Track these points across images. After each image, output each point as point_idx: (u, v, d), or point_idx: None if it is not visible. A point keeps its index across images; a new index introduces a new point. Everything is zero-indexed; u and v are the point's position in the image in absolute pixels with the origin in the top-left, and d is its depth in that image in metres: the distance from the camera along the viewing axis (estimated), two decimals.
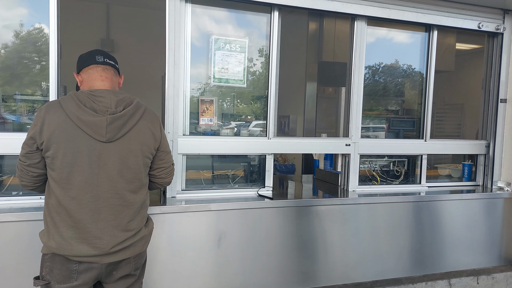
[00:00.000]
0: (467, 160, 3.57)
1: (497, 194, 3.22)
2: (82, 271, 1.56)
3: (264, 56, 2.75)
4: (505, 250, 3.23)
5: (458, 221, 3.06)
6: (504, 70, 3.33)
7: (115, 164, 1.58)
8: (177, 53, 2.44)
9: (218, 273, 2.41)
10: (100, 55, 1.69)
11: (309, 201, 2.63)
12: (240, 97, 2.81)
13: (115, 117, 1.56)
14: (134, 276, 1.73)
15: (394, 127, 3.36)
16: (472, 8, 3.17)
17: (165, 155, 1.78)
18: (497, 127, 3.37)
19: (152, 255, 2.25)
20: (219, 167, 2.87)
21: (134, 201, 1.65)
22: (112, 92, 1.62)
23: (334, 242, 2.69)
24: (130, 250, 1.65)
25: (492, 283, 3.17)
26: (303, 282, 2.62)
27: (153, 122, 1.71)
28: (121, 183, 1.60)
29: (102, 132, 1.54)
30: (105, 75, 1.67)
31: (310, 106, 4.69)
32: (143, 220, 1.72)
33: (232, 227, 2.43)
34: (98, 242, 1.56)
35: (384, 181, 3.24)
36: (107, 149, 1.56)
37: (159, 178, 1.79)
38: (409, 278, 2.91)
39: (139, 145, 1.63)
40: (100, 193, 1.56)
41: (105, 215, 1.57)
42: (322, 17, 3.74)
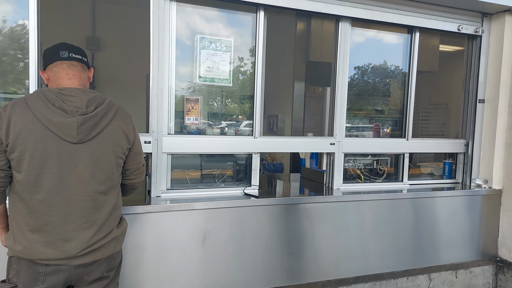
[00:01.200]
0: (448, 158, 3.67)
1: (475, 191, 3.32)
2: (49, 274, 1.52)
3: (251, 56, 2.77)
4: (482, 245, 3.34)
5: (438, 218, 3.15)
6: (483, 71, 3.43)
7: (87, 165, 1.54)
8: (162, 51, 2.44)
9: (203, 272, 2.42)
10: (65, 49, 1.59)
11: (293, 199, 2.67)
12: (227, 97, 2.82)
13: (86, 118, 1.51)
14: (107, 278, 1.69)
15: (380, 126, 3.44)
16: (452, 11, 3.25)
17: (137, 156, 1.75)
18: (476, 127, 3.47)
19: (135, 254, 2.25)
20: (205, 166, 2.88)
21: (106, 203, 1.62)
22: (83, 91, 1.56)
23: (318, 239, 2.73)
24: (100, 251, 1.62)
25: (470, 277, 3.27)
26: (288, 279, 2.66)
27: (126, 122, 1.67)
28: (93, 185, 1.56)
29: (73, 133, 1.49)
30: (72, 72, 1.59)
31: (298, 106, 4.73)
32: (115, 221, 1.69)
33: (217, 225, 2.45)
34: (66, 245, 1.52)
35: (368, 179, 3.30)
36: (78, 150, 1.52)
37: (129, 179, 1.76)
38: (391, 274, 2.98)
39: (112, 145, 1.60)
40: (70, 196, 1.53)
41: (75, 218, 1.54)
42: (309, 17, 3.77)
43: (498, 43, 3.33)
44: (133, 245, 2.25)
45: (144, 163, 1.82)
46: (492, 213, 3.36)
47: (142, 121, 2.72)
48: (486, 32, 3.40)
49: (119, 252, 1.76)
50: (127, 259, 2.19)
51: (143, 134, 2.40)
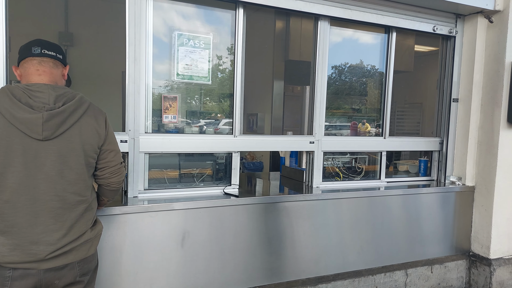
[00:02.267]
0: (424, 156, 3.76)
1: (449, 188, 3.42)
2: (17, 278, 1.45)
3: (230, 53, 2.74)
4: (456, 240, 3.44)
5: (414, 214, 3.22)
6: (456, 71, 3.53)
7: (54, 164, 1.48)
8: (138, 48, 2.37)
9: (182, 273, 2.38)
10: (37, 46, 1.55)
11: (274, 197, 2.66)
12: (206, 95, 2.78)
13: (52, 114, 1.46)
14: (81, 283, 1.63)
15: (358, 125, 3.49)
16: (428, 11, 3.32)
17: (109, 153, 1.68)
18: (450, 125, 3.57)
19: (112, 257, 2.18)
20: (183, 165, 2.83)
21: (77, 203, 1.56)
22: (51, 87, 1.51)
23: (298, 238, 2.74)
24: (72, 254, 1.55)
25: (445, 272, 3.36)
26: (268, 278, 2.65)
27: (98, 119, 1.62)
28: (61, 184, 1.50)
29: (38, 130, 1.44)
30: (42, 68, 1.55)
31: (277, 104, 4.74)
32: (87, 223, 1.62)
33: (196, 226, 2.41)
34: (34, 248, 1.46)
35: (347, 177, 3.34)
36: (45, 147, 1.46)
37: (103, 179, 1.69)
38: (369, 270, 3.02)
39: (81, 143, 1.54)
40: (37, 196, 1.46)
41: (43, 219, 1.48)
42: (288, 16, 3.78)
43: (471, 44, 3.43)
44: (109, 248, 2.17)
45: (122, 162, 1.75)
46: (466, 209, 3.47)
47: (118, 119, 2.64)
48: (460, 33, 3.50)
49: (94, 256, 1.70)
50: (103, 262, 2.12)
51: (119, 133, 2.33)
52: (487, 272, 3.32)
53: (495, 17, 3.29)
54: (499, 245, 3.35)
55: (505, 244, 3.38)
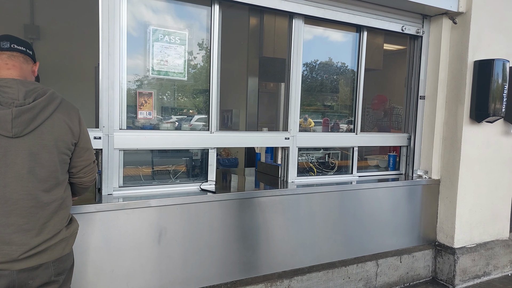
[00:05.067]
0: (393, 151, 3.92)
1: (417, 182, 3.59)
2: None
3: (205, 50, 2.74)
4: (423, 231, 3.62)
5: (384, 207, 3.36)
6: (423, 69, 3.69)
7: (25, 161, 1.45)
8: (112, 42, 2.32)
9: (159, 270, 2.37)
10: (6, 40, 1.52)
11: (250, 193, 2.70)
12: (181, 91, 2.77)
13: (22, 110, 1.42)
14: (56, 282, 1.60)
15: (330, 121, 3.58)
16: (397, 12, 3.45)
17: (84, 152, 1.65)
18: (417, 121, 3.73)
19: (86, 256, 2.15)
20: (159, 162, 2.81)
21: (50, 202, 1.52)
22: (21, 82, 1.47)
23: (274, 232, 2.79)
24: (47, 254, 1.52)
25: (413, 261, 3.53)
26: (245, 272, 2.69)
27: (70, 115, 1.59)
28: (33, 182, 1.47)
29: (7, 126, 1.40)
30: (12, 63, 1.51)
31: (252, 101, 4.76)
32: (62, 221, 1.59)
33: (173, 222, 2.40)
34: (6, 248, 1.42)
35: (320, 172, 3.43)
36: (14, 145, 1.42)
37: (77, 178, 1.67)
38: (342, 262, 3.13)
39: (53, 140, 1.51)
40: (8, 195, 1.42)
41: (15, 219, 1.44)
42: (262, 13, 3.80)
43: (436, 44, 3.60)
44: (84, 246, 2.14)
45: (94, 160, 1.72)
46: (432, 201, 3.65)
47: (90, 115, 2.58)
48: (426, 33, 3.66)
49: (70, 255, 1.67)
50: (78, 261, 2.08)
51: (92, 130, 2.28)
52: (451, 260, 3.52)
53: (459, 19, 3.47)
54: (462, 234, 3.56)
55: (467, 234, 3.59)
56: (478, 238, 3.67)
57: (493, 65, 3.32)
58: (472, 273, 3.61)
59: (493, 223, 3.76)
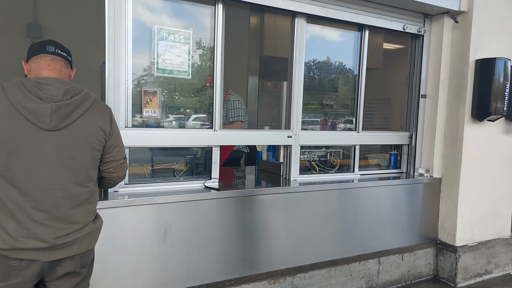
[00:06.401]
0: (393, 150, 3.94)
1: (418, 180, 3.61)
2: (23, 268, 1.48)
3: (209, 48, 2.76)
4: (424, 229, 3.64)
5: (386, 205, 3.38)
6: (425, 68, 3.72)
7: (59, 154, 1.52)
8: (118, 41, 2.35)
9: (164, 266, 2.40)
10: (52, 45, 1.64)
11: (254, 190, 2.72)
12: (185, 89, 2.79)
13: (60, 105, 1.50)
14: (79, 274, 1.66)
15: (329, 120, 3.60)
16: (398, 11, 3.48)
17: (114, 149, 1.72)
18: (418, 120, 3.76)
19: (96, 251, 2.16)
20: (163, 160, 2.83)
21: (79, 194, 1.58)
22: (60, 81, 1.56)
23: (277, 229, 2.82)
24: (75, 247, 1.58)
25: (414, 259, 3.56)
26: (248, 269, 2.72)
27: (103, 113, 1.67)
28: (64, 174, 1.54)
29: (46, 119, 1.48)
30: (54, 65, 1.62)
31: (252, 100, 4.79)
32: (89, 215, 1.65)
33: (178, 219, 2.43)
34: (39, 234, 1.49)
35: (322, 170, 3.45)
36: (50, 138, 1.50)
37: (107, 173, 1.73)
38: (344, 259, 3.15)
39: (86, 135, 1.58)
40: (41, 184, 1.49)
41: (48, 207, 1.50)
42: (263, 12, 3.82)
43: (438, 43, 3.62)
44: None
45: (124, 156, 1.78)
46: (433, 200, 3.67)
47: None
48: (428, 32, 3.68)
49: (93, 250, 1.73)
50: None
51: None
52: (453, 258, 3.54)
53: (460, 18, 3.50)
54: (464, 233, 3.58)
55: (468, 232, 3.62)
56: (479, 236, 3.69)
57: (494, 64, 3.35)
58: (474, 271, 3.63)
59: (494, 221, 3.78)
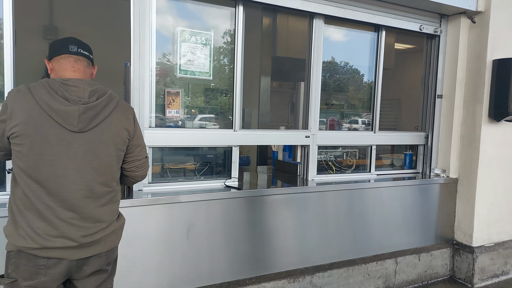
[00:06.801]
0: (408, 150, 3.94)
1: (434, 180, 3.61)
2: (51, 266, 1.50)
3: (229, 50, 2.79)
4: (440, 230, 3.64)
5: (402, 205, 3.39)
6: (441, 69, 3.71)
7: (85, 155, 1.54)
8: (142, 43, 2.39)
9: (187, 264, 2.43)
10: (74, 44, 1.62)
11: (274, 190, 2.75)
12: (206, 90, 2.83)
13: (88, 107, 1.52)
14: (106, 271, 1.70)
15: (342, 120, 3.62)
16: (415, 11, 3.48)
17: (136, 148, 1.74)
18: (435, 120, 3.75)
19: (121, 249, 2.20)
20: (184, 159, 2.87)
21: (104, 194, 1.61)
22: (86, 82, 1.58)
23: (295, 228, 2.84)
24: (100, 245, 1.62)
25: (431, 259, 3.56)
26: (268, 268, 2.74)
27: (127, 114, 1.69)
28: (91, 174, 1.56)
29: (74, 121, 1.50)
30: (77, 66, 1.62)
31: (265, 100, 4.82)
32: (113, 213, 1.68)
33: (200, 218, 2.46)
34: (67, 234, 1.51)
35: (339, 170, 3.46)
36: (77, 139, 1.52)
37: (130, 172, 1.76)
38: (362, 259, 3.17)
39: (112, 136, 1.60)
40: (68, 185, 1.51)
41: (74, 207, 1.53)
42: (275, 12, 3.85)
43: (454, 43, 3.62)
44: None
45: (146, 155, 1.81)
46: (449, 200, 3.67)
47: None
48: (444, 32, 3.68)
49: (117, 247, 1.76)
50: None
51: None
52: (469, 259, 3.53)
53: (477, 18, 3.49)
54: (480, 233, 3.57)
55: (485, 233, 3.61)
56: (496, 237, 3.68)
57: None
58: (491, 272, 3.62)
59: (511, 222, 3.76)
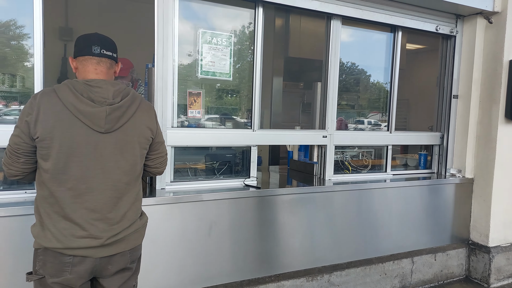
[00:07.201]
0: (423, 150, 3.95)
1: (450, 180, 3.61)
2: (76, 264, 1.53)
3: (249, 51, 2.83)
4: (456, 229, 3.64)
5: (418, 205, 3.40)
6: (456, 69, 3.71)
7: (112, 155, 1.56)
8: (166, 45, 2.44)
9: (209, 262, 2.48)
10: (97, 45, 1.59)
11: (292, 189, 2.79)
12: (226, 91, 2.87)
13: (113, 108, 1.54)
14: (130, 269, 1.72)
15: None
16: (431, 12, 3.49)
17: (159, 146, 1.78)
18: (450, 120, 3.75)
19: (146, 246, 2.24)
20: (204, 159, 2.91)
21: (129, 193, 1.64)
22: (109, 83, 1.58)
23: (313, 227, 2.87)
24: (124, 243, 1.64)
25: (447, 259, 3.56)
26: (287, 266, 2.77)
27: (149, 113, 1.71)
28: (117, 174, 1.58)
29: (101, 123, 1.52)
30: (100, 68, 1.61)
31: (277, 100, 4.85)
32: (137, 212, 1.71)
33: (222, 216, 2.50)
34: (93, 233, 1.54)
35: (355, 170, 3.48)
36: (104, 140, 1.54)
37: (154, 168, 1.80)
38: (379, 258, 3.18)
39: (136, 136, 1.63)
40: (95, 185, 1.54)
41: (100, 207, 1.55)
42: (288, 13, 3.88)
43: (470, 43, 3.62)
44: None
45: (166, 152, 1.85)
46: (465, 200, 3.67)
47: None
48: (460, 32, 3.68)
49: (141, 245, 1.78)
50: None
51: None
52: (486, 259, 3.53)
53: (494, 18, 3.48)
54: (497, 233, 3.56)
55: (501, 233, 3.60)
56: None
57: None
58: (507, 272, 3.61)
59: None
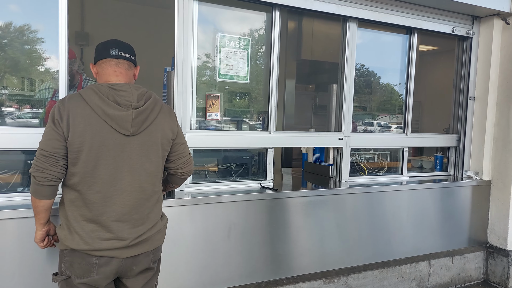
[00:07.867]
0: (439, 152, 3.92)
1: (467, 182, 3.58)
2: (103, 265, 1.56)
3: (265, 54, 2.85)
4: (474, 232, 3.60)
5: (435, 207, 3.37)
6: (473, 70, 3.68)
7: (138, 157, 1.60)
8: (185, 49, 2.48)
9: (228, 263, 2.50)
10: (115, 47, 1.64)
11: (309, 191, 2.79)
12: (243, 94, 2.89)
13: (139, 111, 1.58)
14: (152, 269, 1.76)
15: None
16: (447, 14, 3.47)
17: (180, 146, 1.81)
18: (467, 122, 3.72)
19: (168, 248, 2.28)
20: (221, 161, 2.94)
21: (153, 194, 1.68)
22: (133, 86, 1.62)
23: (330, 229, 2.87)
24: (148, 244, 1.67)
25: (464, 262, 3.52)
26: (304, 268, 2.78)
27: (171, 116, 1.76)
28: (143, 176, 1.62)
29: (128, 126, 1.55)
30: (119, 70, 1.64)
31: (289, 103, 4.87)
32: (159, 213, 1.75)
33: (240, 218, 2.52)
34: (120, 235, 1.57)
35: (371, 172, 3.47)
36: (130, 142, 1.58)
37: (178, 169, 1.82)
38: (396, 261, 3.17)
39: (160, 138, 1.67)
40: (123, 187, 1.57)
41: (128, 209, 1.59)
42: (300, 16, 3.90)
43: (487, 45, 3.59)
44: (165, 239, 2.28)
45: (189, 152, 1.87)
46: (482, 203, 3.63)
47: None
48: (476, 34, 3.65)
49: (161, 245, 1.82)
50: None
51: None
52: (504, 262, 3.48)
53: (511, 19, 3.45)
54: None
55: None
56: None
57: None
58: None
59: None
